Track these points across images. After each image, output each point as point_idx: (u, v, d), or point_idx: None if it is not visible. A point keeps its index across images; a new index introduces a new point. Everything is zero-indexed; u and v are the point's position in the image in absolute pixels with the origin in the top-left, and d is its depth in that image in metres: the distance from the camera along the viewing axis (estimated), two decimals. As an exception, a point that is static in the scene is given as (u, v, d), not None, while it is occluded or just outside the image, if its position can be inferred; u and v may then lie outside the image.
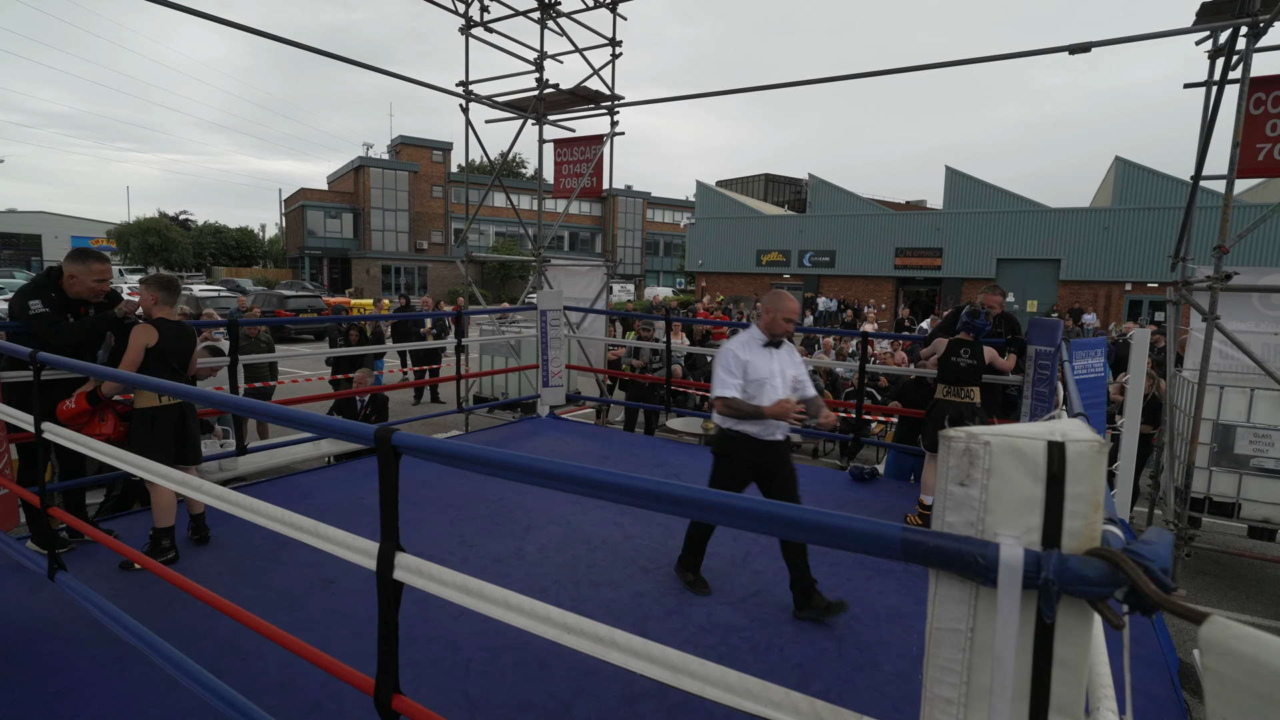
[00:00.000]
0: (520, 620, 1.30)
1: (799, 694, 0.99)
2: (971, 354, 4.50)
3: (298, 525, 1.72)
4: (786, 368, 3.43)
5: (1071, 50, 5.81)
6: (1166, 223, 21.75)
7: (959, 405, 4.50)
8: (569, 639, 1.22)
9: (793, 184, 43.60)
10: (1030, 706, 0.81)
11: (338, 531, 1.68)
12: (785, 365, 3.43)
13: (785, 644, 2.99)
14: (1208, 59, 5.69)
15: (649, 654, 1.12)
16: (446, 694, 2.56)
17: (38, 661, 2.68)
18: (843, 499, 5.11)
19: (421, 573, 1.49)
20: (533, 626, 1.28)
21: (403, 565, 1.52)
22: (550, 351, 7.20)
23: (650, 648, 1.13)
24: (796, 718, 0.97)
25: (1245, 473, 5.51)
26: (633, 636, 1.17)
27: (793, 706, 0.98)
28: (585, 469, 1.26)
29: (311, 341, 19.45)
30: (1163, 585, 0.74)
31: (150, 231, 41.41)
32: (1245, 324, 5.71)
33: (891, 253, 27.50)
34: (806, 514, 0.99)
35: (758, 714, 1.00)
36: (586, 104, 8.99)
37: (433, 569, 1.48)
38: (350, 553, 1.63)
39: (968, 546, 0.82)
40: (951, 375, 4.53)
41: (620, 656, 1.15)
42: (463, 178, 12.40)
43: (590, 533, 4.18)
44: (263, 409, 1.95)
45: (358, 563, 1.60)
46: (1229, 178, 4.97)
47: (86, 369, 2.70)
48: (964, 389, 4.52)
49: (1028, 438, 0.81)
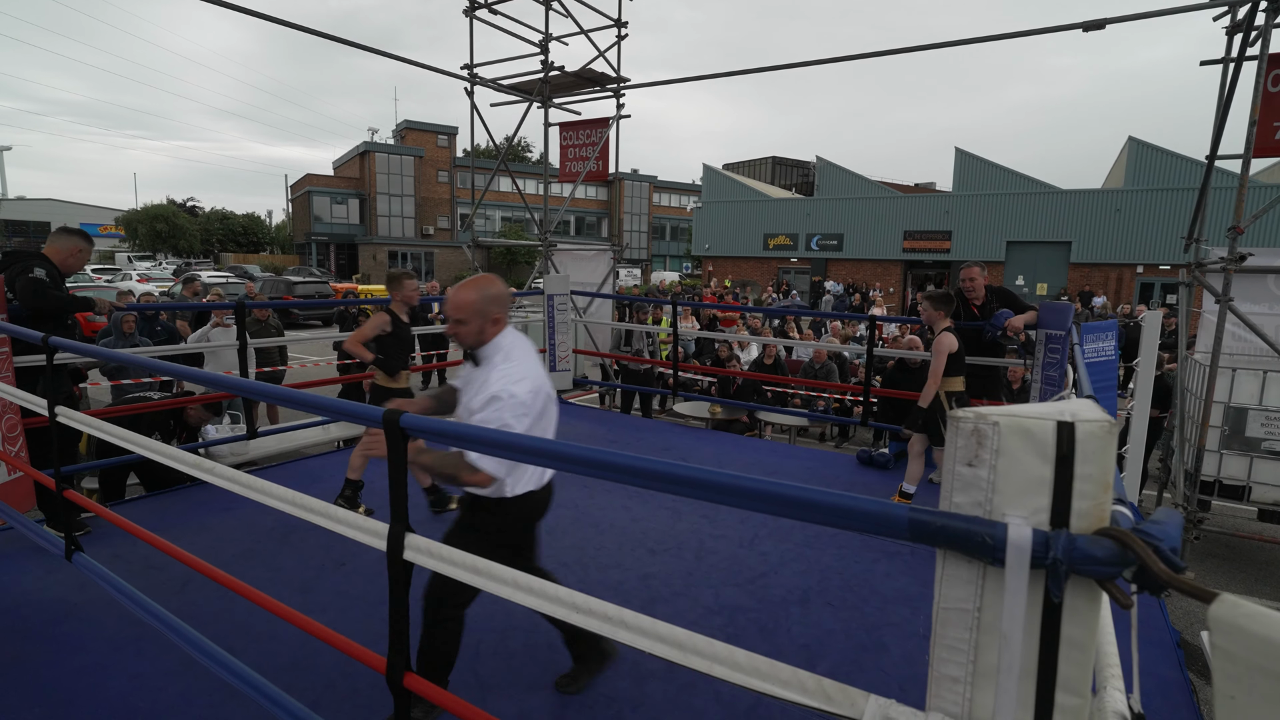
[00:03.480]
0: (529, 600, 1.31)
1: (806, 672, 1.00)
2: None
3: (309, 507, 1.74)
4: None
5: (1085, 27, 5.70)
6: (1180, 204, 21.43)
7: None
8: (578, 618, 1.23)
9: (800, 167, 43.16)
10: (1037, 685, 0.82)
11: (348, 513, 1.69)
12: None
13: (792, 625, 3.01)
14: (1225, 35, 5.57)
15: (657, 633, 1.13)
16: (457, 673, 2.59)
17: (56, 641, 2.73)
18: (849, 483, 5.12)
19: (431, 553, 1.51)
20: (542, 606, 1.29)
21: (412, 546, 1.53)
22: (557, 336, 7.21)
23: (658, 626, 1.14)
24: (804, 695, 0.98)
25: (1256, 455, 5.47)
26: (641, 616, 1.17)
27: (800, 684, 0.99)
28: (589, 449, 1.26)
29: (319, 327, 19.52)
30: (1172, 565, 0.74)
31: (158, 218, 41.54)
32: (1259, 306, 5.64)
33: (900, 236, 27.24)
34: (815, 495, 0.99)
35: (765, 691, 1.01)
36: (592, 86, 8.91)
37: (442, 549, 1.50)
38: (361, 534, 1.64)
39: (976, 526, 0.82)
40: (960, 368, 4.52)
41: (629, 635, 1.16)
42: (468, 162, 12.35)
43: (598, 516, 4.20)
44: (274, 392, 1.97)
45: (368, 544, 1.62)
46: (1245, 157, 4.89)
47: (108, 355, 2.72)
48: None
49: (1037, 418, 0.80)
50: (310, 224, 39.73)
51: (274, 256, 43.25)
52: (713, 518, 4.17)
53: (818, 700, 0.96)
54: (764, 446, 6.41)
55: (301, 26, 6.53)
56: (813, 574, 3.51)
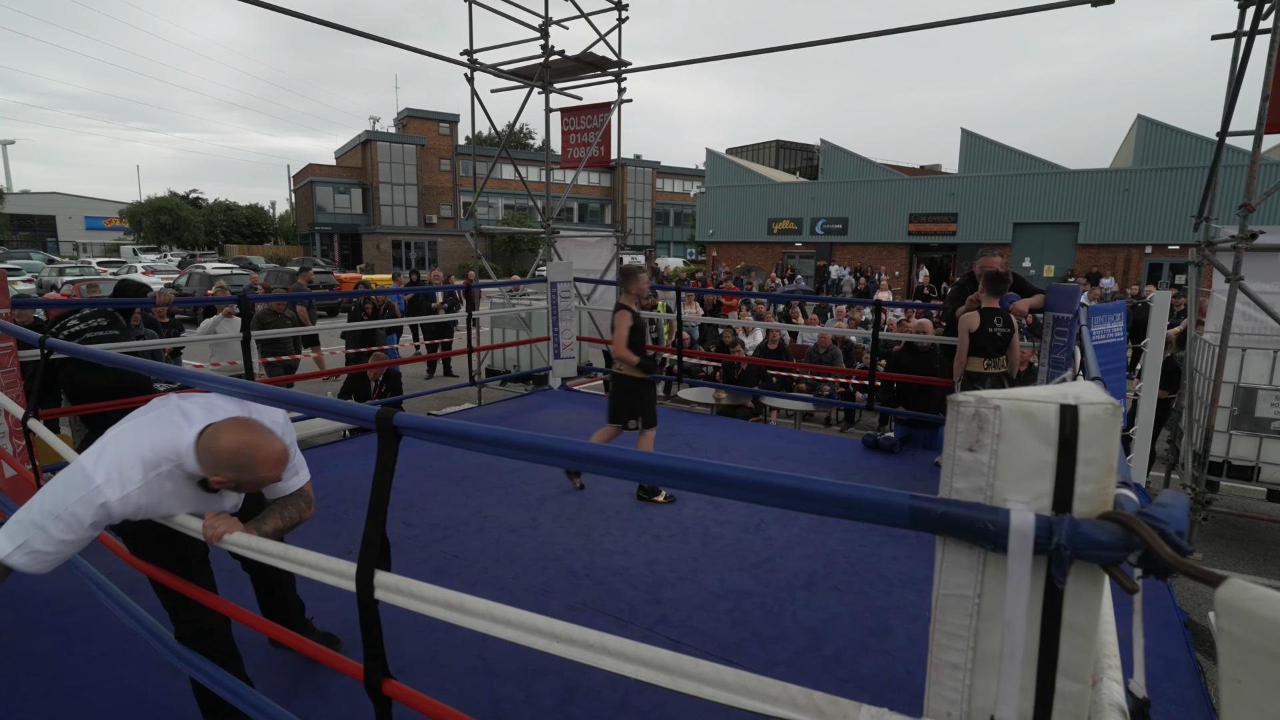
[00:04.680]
0: (506, 632, 1.27)
1: (796, 687, 0.98)
2: (1004, 321, 4.50)
3: (267, 550, 1.69)
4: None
5: (1094, 2, 5.60)
6: (1189, 183, 21.16)
7: (999, 376, 4.53)
8: (559, 648, 1.20)
9: (804, 150, 42.76)
10: (1038, 671, 0.81)
11: (311, 554, 1.61)
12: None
13: (798, 609, 3.02)
14: (1238, 8, 5.46)
15: (641, 657, 1.11)
16: (465, 660, 2.61)
17: (66, 632, 2.76)
18: (855, 467, 5.11)
19: (402, 590, 1.42)
20: (519, 638, 1.25)
21: (383, 585, 1.45)
22: (561, 324, 7.20)
23: (642, 650, 1.11)
24: (795, 710, 0.96)
25: (1266, 435, 5.44)
26: (624, 641, 1.14)
27: (790, 700, 0.97)
28: (587, 446, 1.25)
29: (325, 317, 19.57)
30: (1178, 548, 0.73)
31: (162, 210, 41.57)
32: (1270, 285, 5.57)
33: (905, 219, 27.03)
34: (815, 485, 0.98)
35: (755, 710, 0.99)
36: (593, 71, 8.82)
37: (413, 586, 1.41)
38: (327, 575, 1.54)
39: (977, 513, 0.81)
40: (992, 346, 4.49)
41: (612, 662, 1.13)
42: (470, 150, 12.27)
43: (604, 502, 4.21)
44: (251, 388, 1.92)
45: (336, 585, 1.52)
46: (1257, 133, 4.81)
47: (100, 356, 2.71)
48: (999, 359, 4.53)
49: (1039, 401, 0.79)
50: (313, 214, 39.70)
51: (278, 247, 43.27)
52: (718, 503, 4.17)
53: (809, 715, 0.95)
54: (769, 431, 6.41)
55: (303, 15, 6.48)
56: (818, 558, 3.51)
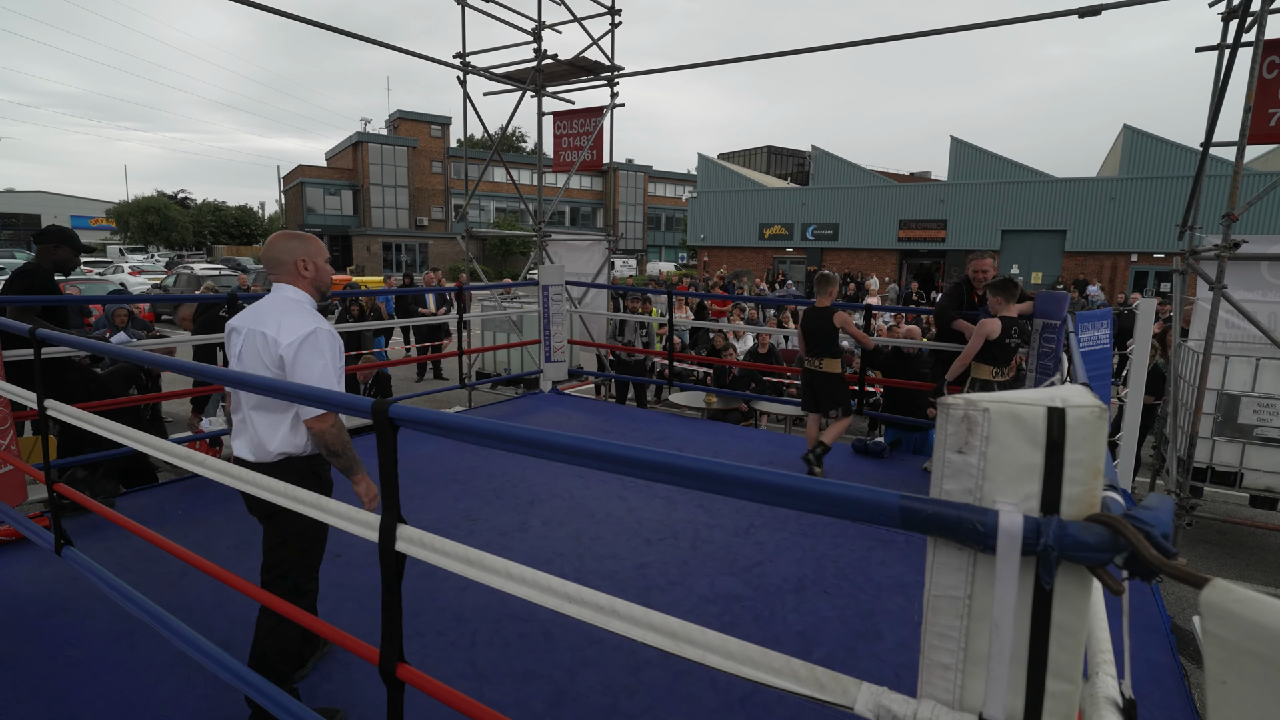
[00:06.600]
0: (521, 590, 1.31)
1: (799, 660, 0.99)
2: (1020, 333, 4.53)
3: (300, 498, 1.73)
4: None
5: (1081, 13, 5.68)
6: (1174, 192, 21.44)
7: (1006, 385, 4.55)
8: (570, 608, 1.23)
9: (795, 156, 43.00)
10: (1028, 671, 0.82)
11: (340, 504, 1.68)
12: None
13: (788, 613, 3.02)
14: (1221, 21, 5.55)
15: (650, 622, 1.13)
16: (454, 664, 2.60)
17: (50, 636, 2.72)
18: (845, 472, 5.13)
19: (423, 544, 1.50)
20: (534, 596, 1.29)
21: (404, 537, 1.53)
22: (552, 327, 7.19)
23: (651, 616, 1.13)
24: (797, 683, 0.98)
25: (1249, 442, 5.51)
26: (634, 605, 1.17)
27: (793, 673, 0.99)
28: (583, 439, 1.25)
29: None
30: (1163, 550, 0.74)
31: (150, 210, 41.22)
32: (1252, 293, 5.65)
33: (895, 225, 27.23)
34: (807, 483, 0.98)
35: (759, 680, 1.01)
36: (586, 75, 8.84)
37: (434, 540, 1.49)
38: (352, 525, 1.63)
39: (966, 514, 0.82)
40: (1004, 355, 4.50)
41: (622, 625, 1.16)
42: (462, 153, 12.23)
43: (594, 506, 4.20)
44: (250, 381, 1.92)
45: (360, 535, 1.61)
46: (1239, 144, 4.89)
47: (88, 345, 2.70)
48: (1006, 369, 4.57)
49: (1027, 404, 0.80)
50: (303, 215, 39.47)
51: (267, 249, 42.95)
52: (708, 507, 4.17)
53: (810, 688, 0.96)
54: (760, 436, 6.42)
55: (297, 16, 6.45)
56: (808, 562, 3.52)
